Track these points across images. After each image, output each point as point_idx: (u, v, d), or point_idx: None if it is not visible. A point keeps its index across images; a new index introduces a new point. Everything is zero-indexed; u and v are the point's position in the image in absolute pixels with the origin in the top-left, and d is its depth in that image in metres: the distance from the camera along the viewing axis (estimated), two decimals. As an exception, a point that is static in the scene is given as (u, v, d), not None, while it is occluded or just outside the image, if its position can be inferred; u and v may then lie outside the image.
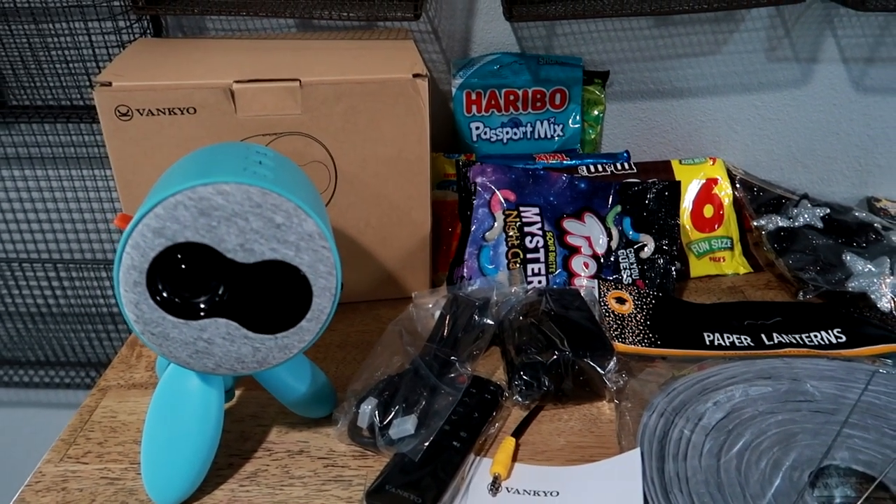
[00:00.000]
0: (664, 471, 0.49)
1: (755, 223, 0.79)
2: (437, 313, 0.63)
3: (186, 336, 0.43)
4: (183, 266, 0.42)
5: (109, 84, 0.57)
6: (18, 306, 1.00)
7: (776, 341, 0.63)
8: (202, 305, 0.43)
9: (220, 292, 0.43)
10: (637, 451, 0.50)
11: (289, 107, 0.60)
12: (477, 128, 0.82)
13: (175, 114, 0.59)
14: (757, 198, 0.81)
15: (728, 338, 0.63)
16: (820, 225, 0.77)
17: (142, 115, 0.58)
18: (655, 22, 0.79)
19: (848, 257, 0.71)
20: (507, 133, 0.83)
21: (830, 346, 0.62)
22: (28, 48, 0.80)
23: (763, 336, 0.64)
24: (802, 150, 0.87)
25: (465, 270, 0.69)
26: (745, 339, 0.63)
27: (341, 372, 0.62)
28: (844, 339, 0.63)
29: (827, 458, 0.50)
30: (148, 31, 0.78)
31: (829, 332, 0.64)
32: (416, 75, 0.60)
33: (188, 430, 0.48)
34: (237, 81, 0.58)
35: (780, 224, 0.77)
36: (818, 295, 0.69)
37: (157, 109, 0.58)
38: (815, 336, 0.64)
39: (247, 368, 0.45)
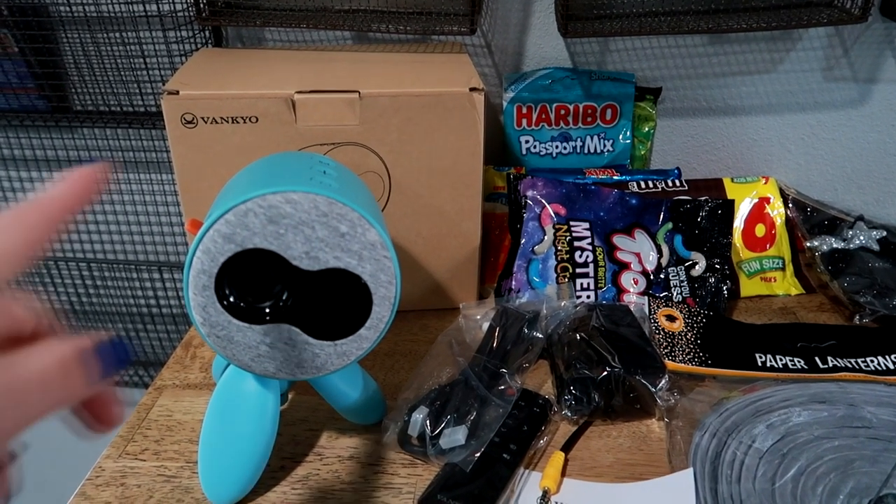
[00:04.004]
0: (717, 492, 0.49)
1: (808, 244, 0.78)
2: (486, 325, 0.64)
3: (250, 340, 0.44)
4: (249, 272, 0.43)
5: (177, 93, 0.59)
6: (74, 304, 1.03)
7: (831, 365, 0.62)
8: (266, 310, 0.44)
9: (283, 298, 0.43)
10: (690, 471, 0.50)
11: (347, 117, 0.61)
12: (527, 141, 0.83)
13: (238, 122, 0.60)
14: (810, 218, 0.80)
15: (781, 359, 0.63)
16: (876, 247, 0.75)
17: (206, 123, 0.60)
18: (710, 39, 0.79)
19: (906, 282, 0.70)
20: (557, 147, 0.83)
21: (887, 371, 0.61)
22: (95, 55, 0.83)
23: (817, 359, 0.63)
24: (857, 170, 0.85)
25: (513, 283, 0.70)
26: (799, 361, 0.62)
27: (389, 380, 0.63)
28: (902, 365, 0.62)
29: (886, 486, 0.49)
30: (209, 42, 0.81)
31: (887, 357, 0.63)
32: (472, 89, 0.61)
33: (245, 432, 0.49)
34: (298, 92, 0.60)
35: (835, 245, 0.76)
36: (874, 319, 0.68)
37: (221, 118, 0.60)
38: (872, 361, 0.62)
39: (305, 374, 0.46)
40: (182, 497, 0.51)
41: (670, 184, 0.77)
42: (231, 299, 0.43)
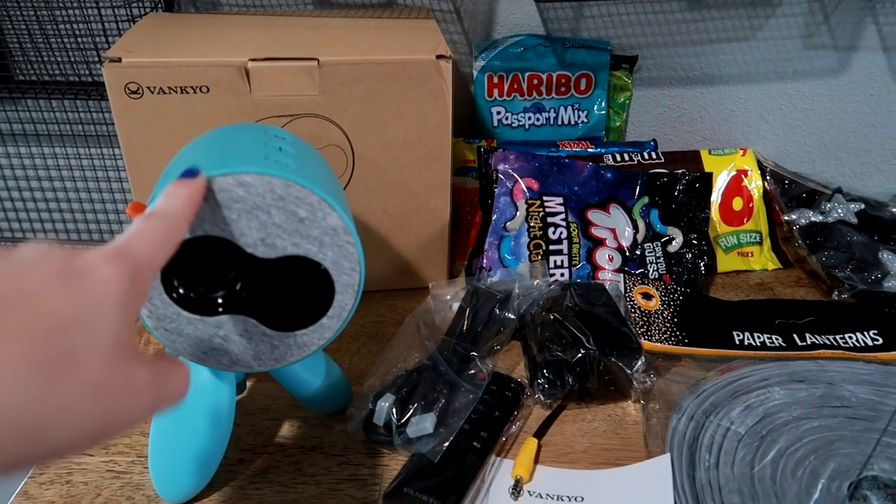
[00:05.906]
0: (695, 478, 0.47)
1: (786, 217, 0.76)
2: (456, 305, 0.61)
3: (202, 332, 0.41)
4: (199, 260, 0.39)
5: (119, 60, 0.54)
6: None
7: (809, 342, 0.60)
8: (219, 301, 0.40)
9: (237, 288, 0.40)
10: (667, 456, 0.48)
11: (306, 87, 0.57)
12: (498, 112, 0.80)
13: (187, 92, 0.56)
14: (787, 191, 0.78)
15: (759, 337, 0.61)
16: (854, 220, 0.74)
17: (153, 93, 0.56)
18: (688, 5, 0.76)
19: (884, 255, 0.68)
20: (530, 119, 0.80)
21: (866, 348, 0.60)
22: (36, 21, 0.77)
23: (795, 336, 0.61)
24: (836, 141, 0.83)
25: (484, 261, 0.67)
26: (777, 339, 0.61)
27: (355, 364, 0.60)
28: (881, 341, 0.60)
29: (866, 468, 0.48)
30: (159, 6, 0.75)
31: (865, 333, 0.61)
32: (439, 56, 0.57)
33: (198, 424, 0.46)
34: (252, 60, 0.56)
35: (813, 219, 0.74)
36: (853, 294, 0.67)
37: (169, 87, 0.56)
38: (850, 338, 0.61)
39: (263, 366, 0.43)
40: (132, 494, 0.48)
41: (646, 156, 0.74)
42: (180, 290, 0.39)
